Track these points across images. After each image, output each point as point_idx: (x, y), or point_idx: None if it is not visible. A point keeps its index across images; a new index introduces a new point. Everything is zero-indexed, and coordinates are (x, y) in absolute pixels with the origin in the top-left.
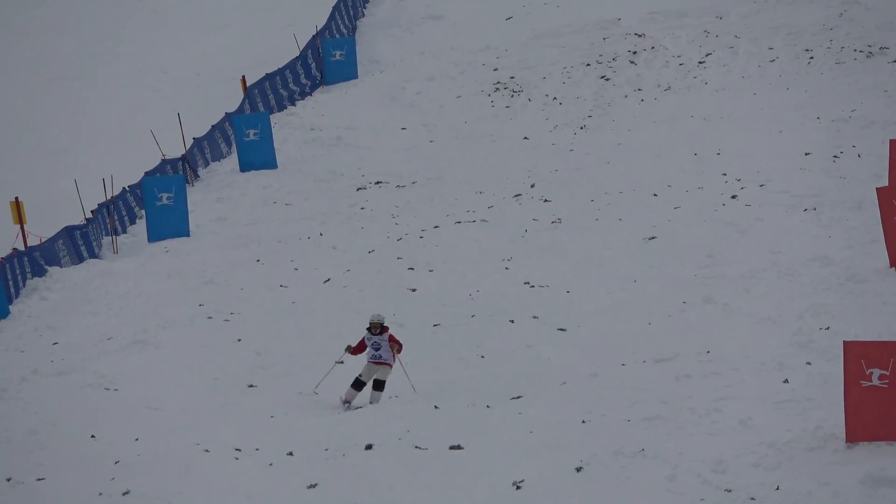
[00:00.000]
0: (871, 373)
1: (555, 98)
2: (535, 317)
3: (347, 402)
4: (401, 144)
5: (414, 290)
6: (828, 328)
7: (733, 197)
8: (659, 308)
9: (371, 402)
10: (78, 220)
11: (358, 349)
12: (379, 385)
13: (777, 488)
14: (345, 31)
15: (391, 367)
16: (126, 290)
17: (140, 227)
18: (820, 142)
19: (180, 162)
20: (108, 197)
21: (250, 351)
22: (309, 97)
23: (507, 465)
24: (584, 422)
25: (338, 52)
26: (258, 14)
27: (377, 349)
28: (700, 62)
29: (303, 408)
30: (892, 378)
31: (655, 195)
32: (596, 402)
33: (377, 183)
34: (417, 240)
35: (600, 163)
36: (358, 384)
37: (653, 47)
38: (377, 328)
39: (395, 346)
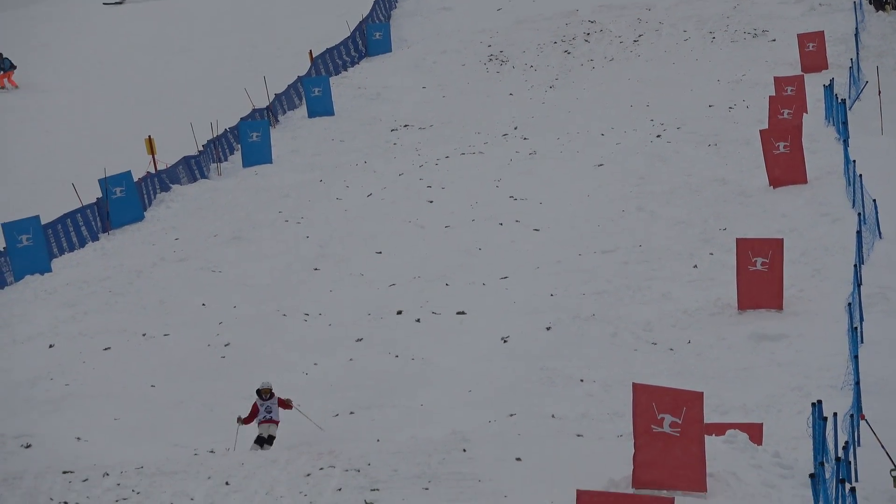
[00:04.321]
0: (756, 260)
1: (531, 66)
2: (517, 221)
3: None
4: (422, 99)
5: (431, 202)
6: (725, 229)
7: (658, 136)
8: (605, 214)
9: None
10: (193, 151)
11: (250, 418)
12: (271, 441)
13: (689, 342)
14: (383, 17)
15: (278, 423)
16: (227, 201)
17: (237, 157)
18: (720, 97)
19: (266, 110)
20: (214, 135)
21: (315, 244)
22: (357, 65)
23: (497, 325)
24: (552, 295)
25: (377, 33)
26: (321, 5)
27: (269, 412)
28: (635, 41)
29: (353, 285)
30: (772, 264)
31: (603, 135)
32: (560, 281)
33: (405, 126)
34: (434, 166)
35: (564, 112)
36: (261, 441)
37: (601, 30)
38: (267, 394)
39: (286, 404)
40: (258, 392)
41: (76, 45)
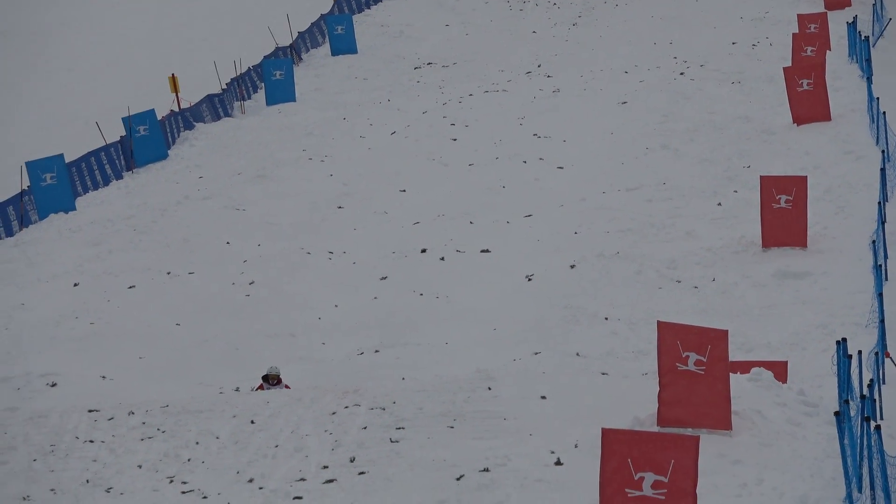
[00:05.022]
0: (780, 198)
1: (554, 3)
2: (541, 158)
3: None
4: (445, 36)
5: (455, 140)
6: (749, 166)
7: (681, 73)
8: (629, 152)
9: None
10: (216, 90)
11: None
12: None
13: (713, 279)
14: None
15: None
16: (250, 139)
17: (260, 95)
18: (743, 34)
19: (289, 48)
20: (238, 73)
21: (339, 182)
22: (380, 3)
23: (521, 264)
24: (576, 233)
25: None
26: None
27: None
28: None
29: (376, 223)
30: (796, 201)
31: (626, 72)
32: (584, 219)
33: (429, 64)
34: (457, 104)
35: (587, 49)
36: None
37: None
38: (274, 380)
39: None
40: (265, 377)
41: None
